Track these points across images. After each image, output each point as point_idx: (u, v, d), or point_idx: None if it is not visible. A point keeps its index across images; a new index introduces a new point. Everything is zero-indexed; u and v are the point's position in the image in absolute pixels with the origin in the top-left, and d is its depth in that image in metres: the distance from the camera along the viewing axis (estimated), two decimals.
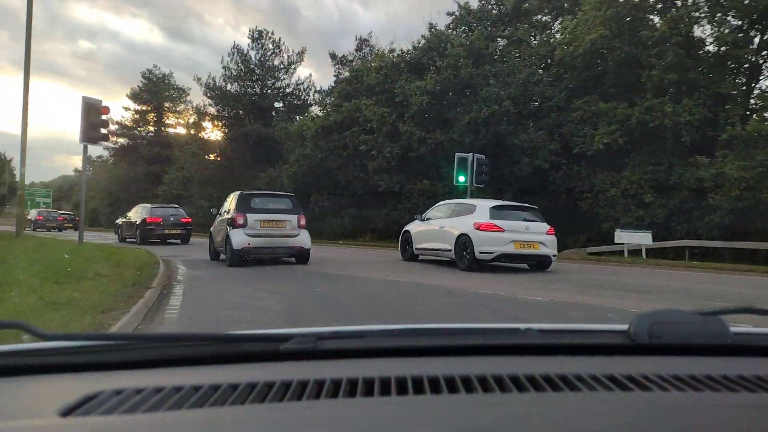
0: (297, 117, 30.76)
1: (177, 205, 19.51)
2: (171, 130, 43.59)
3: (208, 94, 32.16)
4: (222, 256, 10.06)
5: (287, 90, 33.67)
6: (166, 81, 43.48)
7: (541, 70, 21.93)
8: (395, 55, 25.43)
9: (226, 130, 32.55)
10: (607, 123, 18.18)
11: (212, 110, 32.93)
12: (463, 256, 9.21)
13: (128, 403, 0.69)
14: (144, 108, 43.25)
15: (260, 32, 32.60)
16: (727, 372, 0.82)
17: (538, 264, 9.50)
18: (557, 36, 23.19)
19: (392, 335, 1.00)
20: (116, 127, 43.38)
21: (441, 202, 11.36)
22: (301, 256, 9.72)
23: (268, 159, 29.81)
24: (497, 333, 1.04)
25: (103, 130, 11.55)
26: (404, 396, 0.72)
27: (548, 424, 0.63)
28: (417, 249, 10.73)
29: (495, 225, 8.95)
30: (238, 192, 10.13)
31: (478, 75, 20.98)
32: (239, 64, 32.27)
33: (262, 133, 30.47)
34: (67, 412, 0.67)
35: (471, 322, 1.80)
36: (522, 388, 0.75)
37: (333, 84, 29.60)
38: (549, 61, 22.07)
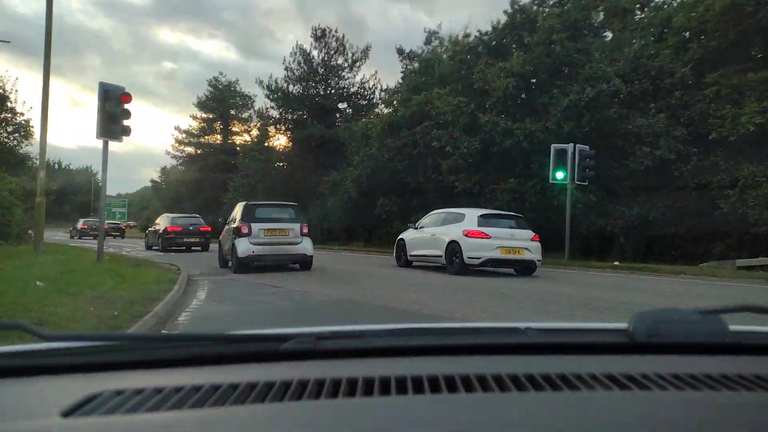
0: (362, 118, 28.44)
1: (197, 215, 20.23)
2: (237, 138, 43.10)
3: (271, 97, 30.71)
4: (230, 263, 10.34)
5: (351, 90, 31.55)
6: (232, 89, 43.04)
7: (653, 42, 17.91)
8: (472, 38, 22.33)
9: (289, 134, 30.89)
10: (756, 99, 13.98)
11: (275, 113, 31.43)
12: (453, 261, 9.79)
13: (129, 404, 0.70)
14: (210, 116, 43.01)
15: (323, 30, 30.78)
16: (726, 371, 0.83)
17: (524, 269, 9.99)
18: (674, 2, 19.00)
19: (392, 335, 1.01)
20: (184, 135, 43.62)
21: (433, 212, 11.91)
22: (304, 263, 10.16)
23: (331, 162, 27.69)
24: (497, 332, 1.04)
25: (125, 122, 9.27)
26: (404, 396, 0.73)
27: (548, 423, 0.63)
28: (411, 256, 11.28)
29: (482, 232, 9.52)
30: (244, 202, 10.64)
31: (577, 51, 17.41)
32: (302, 64, 30.58)
33: (325, 135, 28.44)
34: (69, 413, 0.67)
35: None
36: (521, 387, 0.75)
37: (400, 81, 27.03)
38: (664, 30, 18.00)
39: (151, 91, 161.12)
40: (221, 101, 42.36)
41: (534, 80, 18.15)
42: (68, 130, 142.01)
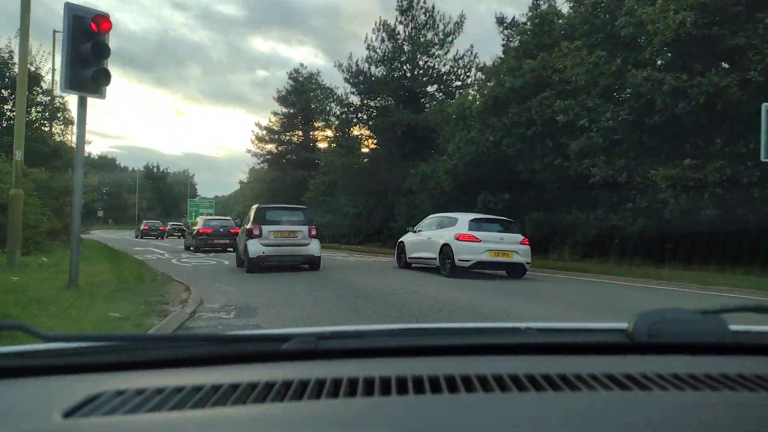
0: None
1: (229, 218, 20.87)
2: (318, 133, 40.55)
3: (351, 81, 27.20)
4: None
5: (442, 69, 27.16)
6: (314, 81, 40.45)
7: None
8: None
9: (371, 123, 27.20)
10: None
11: (355, 99, 27.88)
12: (445, 263, 10.30)
13: (130, 404, 0.70)
14: (291, 110, 40.76)
15: (410, 1, 26.69)
16: (727, 371, 0.83)
17: (514, 270, 10.47)
18: None
19: (393, 335, 1.03)
20: (264, 132, 41.82)
21: (430, 216, 12.53)
22: (312, 263, 10.81)
23: (420, 153, 23.57)
24: (497, 332, 1.05)
25: (99, 64, 5.80)
26: (405, 395, 0.73)
27: (548, 423, 0.63)
28: (409, 258, 11.88)
29: (472, 236, 10.06)
30: (256, 205, 11.65)
31: None
32: (385, 42, 26.70)
33: (413, 122, 24.36)
34: (70, 413, 0.67)
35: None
36: (522, 387, 0.75)
37: (500, 56, 22.21)
38: None
39: (246, 98, 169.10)
40: (302, 94, 39.96)
41: (722, 16, 12.48)
42: (172, 136, 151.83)
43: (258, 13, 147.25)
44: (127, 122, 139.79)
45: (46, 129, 14.70)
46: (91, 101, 6.26)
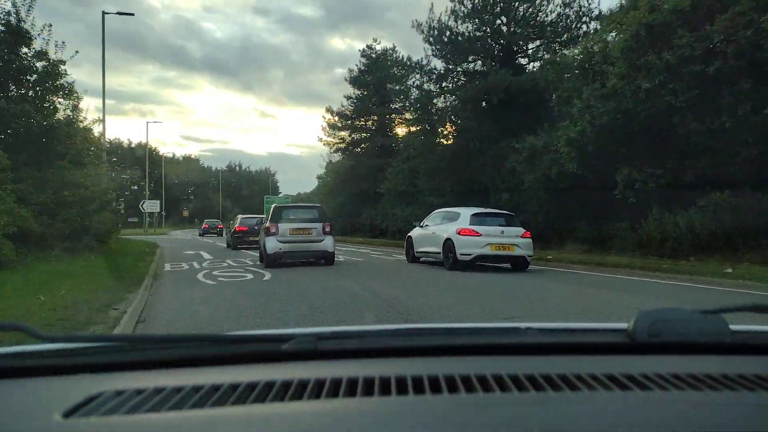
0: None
1: (264, 216, 19.72)
2: (396, 117, 36.20)
3: (432, 41, 22.41)
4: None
5: (546, 19, 21.54)
6: (389, 57, 35.93)
7: None
8: None
9: (458, 93, 22.21)
10: None
11: (438, 65, 22.99)
12: (448, 257, 10.53)
13: (129, 404, 0.70)
14: (364, 93, 36.68)
15: None
16: (727, 371, 0.83)
17: (516, 264, 10.49)
18: None
19: (392, 335, 1.05)
20: (336, 118, 38.19)
21: (435, 211, 12.83)
22: (326, 259, 11.43)
23: (522, 124, 18.38)
24: (497, 332, 1.06)
25: None
26: (404, 396, 0.73)
27: (548, 423, 0.63)
28: (417, 252, 12.16)
29: (473, 230, 10.29)
30: (274, 205, 12.56)
31: None
32: None
33: (513, 85, 19.14)
34: (69, 413, 0.68)
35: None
36: (522, 387, 0.75)
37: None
38: None
39: (326, 97, 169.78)
40: (376, 72, 35.69)
41: None
42: (258, 138, 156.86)
43: (335, 12, 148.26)
44: (217, 127, 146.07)
45: (48, 105, 11.31)
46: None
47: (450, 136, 23.82)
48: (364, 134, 36.98)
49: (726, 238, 10.97)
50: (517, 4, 21.31)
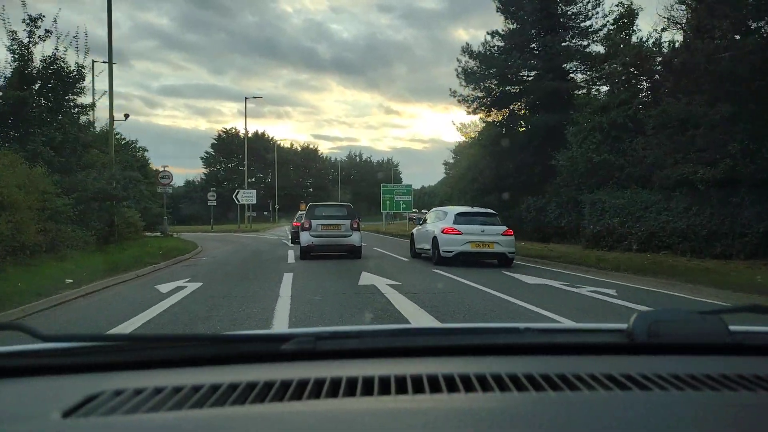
0: None
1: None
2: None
3: None
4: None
5: None
6: None
7: None
8: None
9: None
10: None
11: None
12: (435, 253, 11.52)
13: (129, 404, 0.70)
14: (523, 17, 23.58)
15: None
16: (726, 371, 0.83)
17: (499, 260, 11.29)
18: None
19: (391, 335, 1.03)
20: (475, 62, 24.83)
21: (432, 209, 14.66)
22: (354, 252, 12.73)
23: None
24: (496, 333, 1.04)
25: None
26: (404, 395, 0.73)
27: (547, 423, 0.63)
28: (417, 249, 13.11)
29: (455, 229, 11.16)
30: (310, 203, 14.43)
31: None
32: None
33: None
34: (69, 413, 0.68)
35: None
36: (521, 387, 0.75)
37: None
38: None
39: (449, 91, 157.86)
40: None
41: None
42: (383, 135, 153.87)
43: (458, 3, 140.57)
44: (345, 125, 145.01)
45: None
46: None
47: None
48: (527, 81, 23.30)
49: None
50: None
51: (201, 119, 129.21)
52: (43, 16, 12.87)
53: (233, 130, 73.40)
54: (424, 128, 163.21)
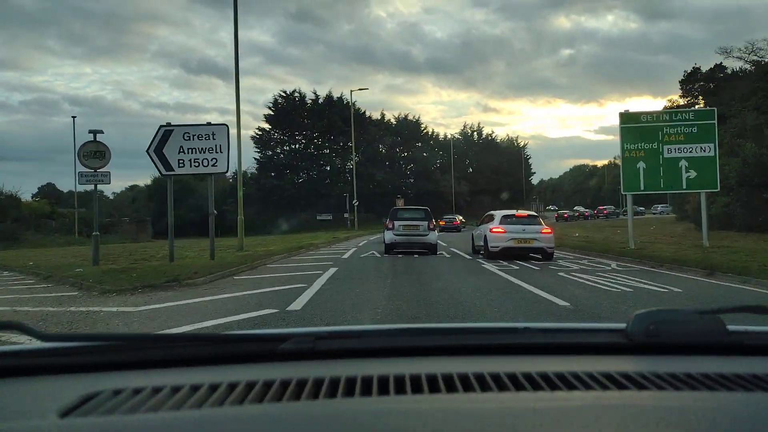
0: None
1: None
2: None
3: None
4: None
5: None
6: None
7: None
8: None
9: None
10: None
11: None
12: (485, 249, 13.98)
13: (127, 404, 0.70)
14: None
15: None
16: (724, 371, 0.83)
17: (542, 254, 13.41)
18: None
19: (390, 335, 1.05)
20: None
21: (486, 214, 15.70)
22: (429, 249, 15.17)
23: None
24: (495, 332, 1.06)
25: None
26: (403, 395, 0.73)
27: (546, 423, 0.63)
28: (475, 246, 15.51)
29: (500, 228, 13.60)
30: (393, 207, 17.98)
31: None
32: None
33: None
34: (67, 413, 0.68)
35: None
36: (520, 387, 0.76)
37: None
38: None
39: (551, 83, 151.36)
40: None
41: None
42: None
43: None
44: (442, 127, 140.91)
45: None
46: None
47: None
48: None
49: None
50: None
51: None
52: None
53: (297, 94, 50.45)
54: (524, 124, 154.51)
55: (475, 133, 65.84)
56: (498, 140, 67.53)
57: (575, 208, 50.54)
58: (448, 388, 0.75)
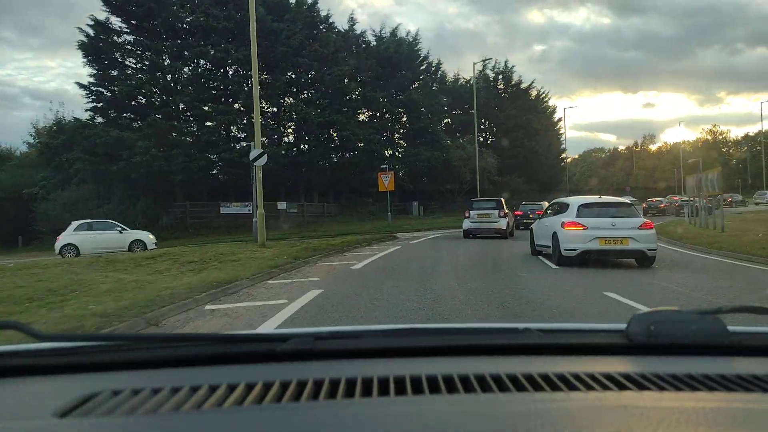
0: None
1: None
2: None
3: None
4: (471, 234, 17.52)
5: None
6: None
7: None
8: None
9: None
10: None
11: None
12: (555, 252, 9.81)
13: (126, 405, 0.70)
14: None
15: None
16: (725, 371, 0.83)
17: (638, 259, 9.51)
18: None
19: (390, 335, 1.04)
20: None
21: (552, 201, 12.34)
22: (501, 233, 17.32)
23: None
24: (495, 333, 1.06)
25: None
26: (403, 396, 0.73)
27: (546, 423, 0.63)
28: (537, 246, 11.40)
29: (578, 223, 9.35)
30: (472, 198, 20.62)
31: None
32: None
33: None
34: (65, 413, 0.67)
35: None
36: (520, 387, 0.76)
37: None
38: None
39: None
40: None
41: None
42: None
43: None
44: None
45: None
46: None
47: None
48: None
49: None
50: None
51: None
52: None
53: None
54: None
55: (500, 77, 38.71)
56: (531, 96, 41.99)
57: (668, 197, 36.26)
58: (448, 388, 0.75)
